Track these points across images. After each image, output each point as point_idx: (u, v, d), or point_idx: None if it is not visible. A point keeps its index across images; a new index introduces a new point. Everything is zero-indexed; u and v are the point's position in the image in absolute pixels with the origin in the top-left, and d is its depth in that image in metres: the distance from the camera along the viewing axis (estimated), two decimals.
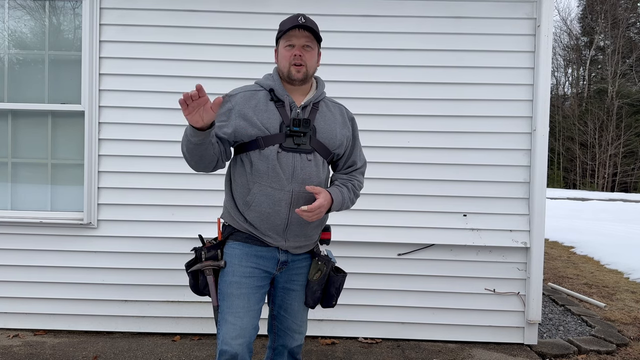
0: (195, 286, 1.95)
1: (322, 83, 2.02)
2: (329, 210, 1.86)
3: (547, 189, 3.36)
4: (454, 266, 3.37)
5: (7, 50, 3.43)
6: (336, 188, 1.90)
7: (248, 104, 1.87)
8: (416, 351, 3.23)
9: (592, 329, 3.80)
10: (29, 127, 3.43)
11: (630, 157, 34.49)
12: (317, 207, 1.75)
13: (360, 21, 3.31)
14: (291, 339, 2.03)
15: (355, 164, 2.05)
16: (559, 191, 28.46)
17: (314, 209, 1.75)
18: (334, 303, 2.00)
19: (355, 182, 2.00)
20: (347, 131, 2.00)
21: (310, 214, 1.75)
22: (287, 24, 1.86)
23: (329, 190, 1.85)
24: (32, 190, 3.45)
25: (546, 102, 3.26)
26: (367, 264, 3.36)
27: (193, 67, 3.31)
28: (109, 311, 3.38)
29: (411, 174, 3.34)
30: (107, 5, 3.30)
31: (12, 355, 3.00)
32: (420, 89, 3.33)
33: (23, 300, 3.39)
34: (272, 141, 1.82)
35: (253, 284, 1.88)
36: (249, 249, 1.89)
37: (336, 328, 3.41)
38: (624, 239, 8.57)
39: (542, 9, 3.24)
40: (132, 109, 3.33)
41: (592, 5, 38.40)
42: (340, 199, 1.88)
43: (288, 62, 1.86)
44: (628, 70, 35.99)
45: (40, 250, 3.37)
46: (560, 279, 5.69)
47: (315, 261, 1.96)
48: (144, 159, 3.33)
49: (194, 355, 3.09)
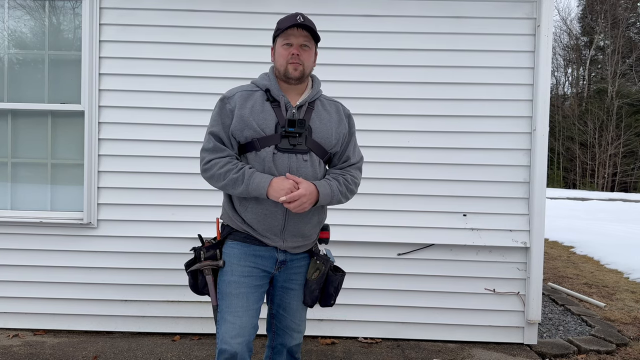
0: (195, 286, 1.95)
1: (318, 82, 2.01)
2: (317, 203, 1.84)
3: (547, 189, 3.37)
4: (454, 266, 3.37)
5: (7, 50, 3.43)
6: (324, 181, 1.88)
7: (245, 105, 1.87)
8: (416, 351, 3.23)
9: (592, 329, 3.80)
10: (29, 127, 3.43)
11: (630, 157, 34.47)
12: (296, 195, 1.74)
13: (360, 21, 3.31)
14: (290, 337, 2.03)
15: (350, 159, 2.01)
16: (559, 191, 28.45)
17: (295, 197, 1.74)
18: (333, 302, 2.00)
19: (348, 176, 1.96)
20: (344, 129, 1.99)
21: (291, 204, 1.75)
22: (285, 23, 1.86)
23: (315, 182, 1.83)
24: (32, 190, 3.45)
25: (546, 102, 3.26)
26: (367, 264, 3.36)
27: (193, 67, 3.31)
28: (108, 311, 3.38)
29: (411, 173, 3.34)
30: (107, 5, 3.30)
31: (12, 355, 3.00)
32: (421, 88, 3.33)
33: (23, 300, 3.39)
34: (268, 142, 1.83)
35: (252, 283, 1.89)
36: (248, 248, 1.89)
37: (336, 328, 3.41)
38: (623, 238, 8.57)
39: (542, 9, 3.24)
40: (132, 108, 3.33)
41: (592, 5, 38.39)
42: (328, 191, 1.85)
43: (285, 61, 1.86)
44: (628, 70, 35.97)
45: (40, 250, 3.37)
46: (560, 279, 5.69)
47: (313, 260, 1.96)
48: (144, 158, 3.33)
49: (193, 355, 3.09)
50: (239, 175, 1.79)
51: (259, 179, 1.78)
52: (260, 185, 1.77)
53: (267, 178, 1.78)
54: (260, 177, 1.78)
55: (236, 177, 1.80)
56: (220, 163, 1.84)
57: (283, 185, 1.76)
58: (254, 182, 1.78)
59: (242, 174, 1.80)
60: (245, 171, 1.80)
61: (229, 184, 1.81)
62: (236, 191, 1.82)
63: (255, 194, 1.79)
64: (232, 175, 1.80)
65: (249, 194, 1.79)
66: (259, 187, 1.77)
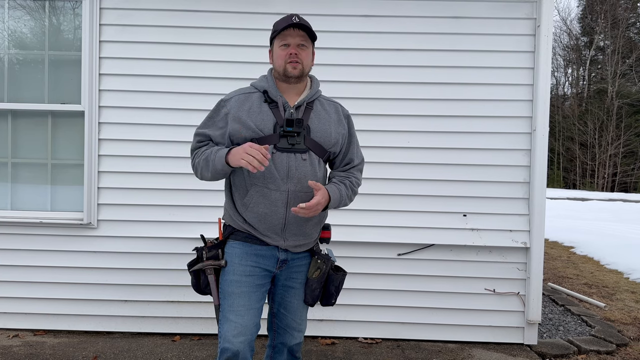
0: (197, 285, 1.97)
1: (317, 82, 2.02)
2: (326, 208, 1.88)
3: (547, 189, 3.37)
4: (454, 266, 3.37)
5: (7, 50, 3.43)
6: (334, 185, 1.92)
7: (242, 107, 1.89)
8: (416, 351, 3.23)
9: (592, 329, 3.80)
10: (29, 127, 3.43)
11: (630, 157, 34.47)
12: (314, 204, 1.77)
13: (360, 21, 3.31)
14: (290, 336, 2.05)
15: (352, 161, 2.05)
16: (559, 191, 28.45)
17: (312, 207, 1.77)
18: (334, 301, 2.02)
19: (352, 179, 2.01)
20: (343, 129, 2.01)
21: (307, 211, 1.77)
22: (281, 24, 1.87)
23: (326, 187, 1.87)
24: (32, 190, 3.45)
25: (546, 102, 3.26)
26: (367, 264, 3.36)
27: (193, 67, 3.31)
28: (109, 311, 3.38)
29: (411, 174, 3.34)
30: (107, 5, 3.30)
31: (12, 355, 3.00)
32: (421, 89, 3.33)
33: (23, 300, 3.39)
34: (267, 142, 1.84)
35: (254, 282, 1.90)
36: (249, 248, 1.91)
37: (336, 328, 3.41)
38: (624, 239, 8.57)
39: (542, 9, 3.24)
40: (132, 109, 3.33)
41: (592, 5, 38.38)
42: (338, 196, 1.89)
43: (284, 61, 1.88)
44: (628, 70, 35.97)
45: (40, 250, 3.37)
46: (560, 279, 5.69)
47: (314, 259, 1.98)
48: (144, 159, 3.33)
49: (194, 355, 3.09)
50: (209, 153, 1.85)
51: (223, 151, 1.82)
52: (220, 152, 1.81)
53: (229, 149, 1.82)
54: (223, 150, 1.83)
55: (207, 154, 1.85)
56: (199, 152, 1.91)
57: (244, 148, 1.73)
58: (218, 154, 1.82)
59: (210, 150, 1.86)
60: (212, 148, 1.86)
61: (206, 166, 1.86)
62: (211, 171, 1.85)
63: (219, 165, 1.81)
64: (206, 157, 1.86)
65: (215, 167, 1.82)
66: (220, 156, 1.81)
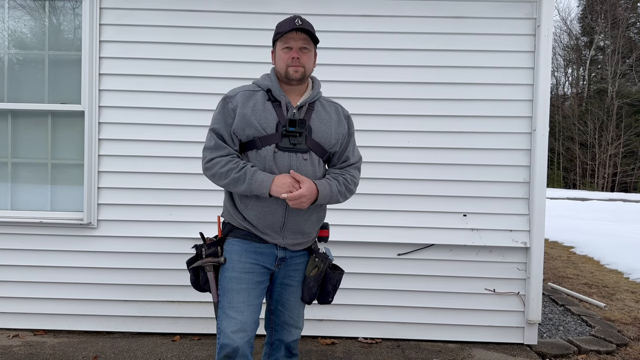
0: (196, 282, 1.99)
1: (318, 83, 2.04)
2: (316, 201, 1.88)
3: (547, 189, 3.37)
4: (454, 266, 3.37)
5: (7, 50, 3.43)
6: (324, 180, 1.93)
7: (247, 104, 1.91)
8: (416, 351, 3.23)
9: (592, 329, 3.80)
10: (29, 127, 3.43)
11: (630, 157, 34.46)
12: (296, 195, 1.79)
13: (359, 21, 3.31)
14: (288, 333, 2.07)
15: (349, 159, 2.06)
16: (559, 191, 28.43)
17: (294, 197, 1.79)
18: (331, 300, 2.05)
19: (347, 176, 2.00)
20: (343, 129, 2.03)
21: (290, 201, 1.80)
22: (284, 27, 1.89)
23: (316, 182, 1.87)
24: (32, 190, 3.45)
25: (546, 102, 3.26)
26: (367, 264, 3.36)
27: (193, 67, 3.31)
28: (109, 311, 3.38)
29: (411, 174, 3.34)
30: (107, 5, 3.30)
31: (12, 355, 3.00)
32: (420, 88, 3.33)
33: (23, 300, 3.39)
34: (269, 141, 1.86)
35: (253, 279, 1.92)
36: (248, 245, 1.93)
37: (336, 328, 3.41)
38: (624, 239, 8.57)
39: (542, 9, 3.24)
40: (132, 109, 3.33)
41: (592, 5, 38.37)
42: (328, 191, 1.90)
43: (285, 64, 1.90)
44: (628, 70, 35.96)
45: (40, 250, 3.37)
46: (560, 279, 5.69)
47: (312, 258, 2.00)
48: (144, 159, 3.33)
49: (193, 355, 3.09)
50: (241, 175, 1.83)
51: (262, 177, 1.82)
52: (263, 184, 1.81)
53: (270, 177, 1.82)
54: (262, 176, 1.82)
55: (238, 176, 1.84)
56: (222, 162, 1.88)
57: (284, 181, 1.81)
58: (256, 181, 1.82)
59: (244, 173, 1.83)
60: (247, 170, 1.84)
61: (231, 182, 1.86)
62: (238, 189, 1.86)
63: (257, 193, 1.83)
64: (234, 175, 1.84)
65: (251, 192, 1.84)
66: (261, 186, 1.81)
